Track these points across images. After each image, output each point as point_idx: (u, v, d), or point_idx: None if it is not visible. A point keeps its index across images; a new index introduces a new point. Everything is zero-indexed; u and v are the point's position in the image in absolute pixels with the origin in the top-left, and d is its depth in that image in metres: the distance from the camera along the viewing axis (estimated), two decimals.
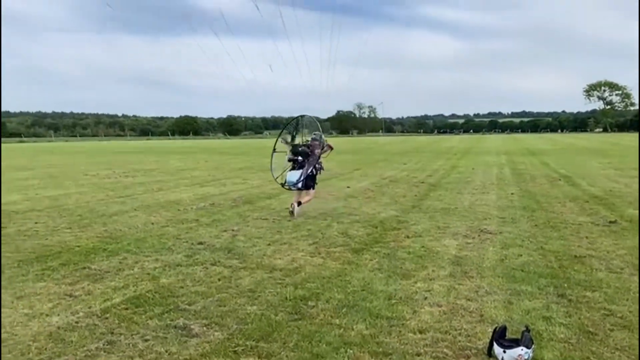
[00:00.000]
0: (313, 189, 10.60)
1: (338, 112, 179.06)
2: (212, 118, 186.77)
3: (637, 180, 16.15)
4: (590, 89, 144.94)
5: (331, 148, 10.93)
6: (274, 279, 5.90)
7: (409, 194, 13.66)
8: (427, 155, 33.18)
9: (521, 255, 6.91)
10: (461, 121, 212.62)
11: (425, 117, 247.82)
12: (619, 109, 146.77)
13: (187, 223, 9.59)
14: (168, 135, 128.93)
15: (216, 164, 26.90)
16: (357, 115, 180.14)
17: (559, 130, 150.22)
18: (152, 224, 9.56)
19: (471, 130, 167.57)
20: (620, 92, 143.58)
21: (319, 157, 10.46)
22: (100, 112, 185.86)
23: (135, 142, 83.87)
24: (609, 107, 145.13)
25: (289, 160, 10.54)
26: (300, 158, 10.36)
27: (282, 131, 11.64)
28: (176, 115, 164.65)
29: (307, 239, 8.04)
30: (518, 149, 41.43)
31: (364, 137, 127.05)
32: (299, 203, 10.17)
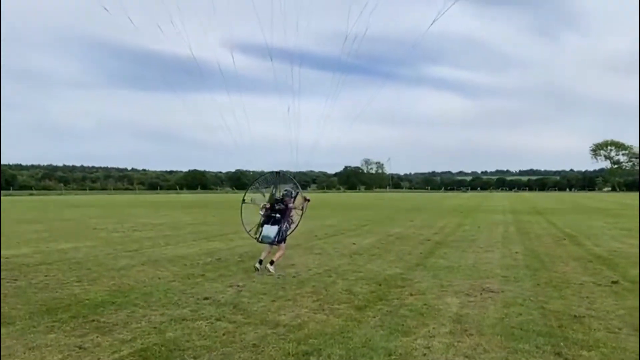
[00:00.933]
0: (284, 242, 10.88)
1: (346, 167, 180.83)
2: (220, 172, 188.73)
3: None
4: (597, 148, 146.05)
5: (308, 201, 11.34)
6: (277, 334, 6.04)
7: (414, 252, 13.77)
8: (434, 213, 33.32)
9: (521, 314, 7.01)
10: (469, 178, 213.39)
11: (433, 173, 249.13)
12: (627, 168, 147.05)
13: (193, 278, 9.76)
14: (176, 189, 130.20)
15: (224, 219, 27.18)
16: (365, 171, 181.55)
17: (567, 189, 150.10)
18: (159, 278, 9.74)
19: (479, 188, 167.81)
20: (626, 151, 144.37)
21: (291, 212, 10.88)
22: (109, 166, 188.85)
23: (144, 196, 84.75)
24: (616, 166, 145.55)
25: (265, 215, 10.78)
26: (278, 215, 10.68)
27: (254, 183, 12.12)
28: (185, 169, 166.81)
29: (312, 296, 8.18)
30: (525, 207, 41.51)
31: (372, 192, 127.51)
32: (272, 262, 10.43)
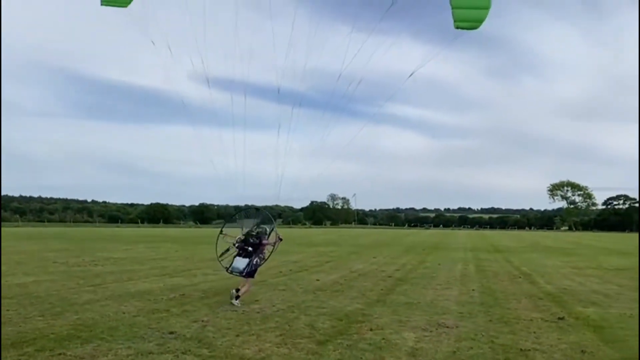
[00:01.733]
0: (253, 277, 11.32)
1: (312, 202, 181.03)
2: (183, 206, 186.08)
3: (591, 279, 17.10)
4: (554, 189, 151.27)
5: (280, 239, 11.79)
6: None
7: (375, 288, 14.17)
8: (397, 249, 33.92)
9: (472, 347, 7.46)
10: (432, 215, 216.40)
11: (397, 210, 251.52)
12: (582, 208, 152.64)
13: (157, 313, 9.88)
14: (138, 222, 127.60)
15: (187, 254, 27.03)
16: (331, 206, 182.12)
17: (527, 228, 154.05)
18: (124, 313, 9.82)
19: (441, 225, 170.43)
20: (581, 192, 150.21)
21: (264, 248, 11.32)
22: (68, 197, 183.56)
23: (104, 229, 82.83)
24: (572, 206, 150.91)
25: (238, 247, 11.18)
26: (250, 248, 11.12)
27: (233, 216, 12.68)
28: (147, 202, 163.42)
29: (275, 331, 8.45)
30: (484, 245, 42.63)
31: (337, 228, 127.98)
32: (237, 292, 10.91)
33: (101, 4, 9.04)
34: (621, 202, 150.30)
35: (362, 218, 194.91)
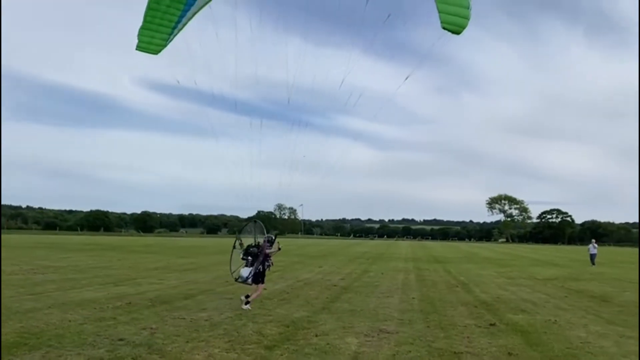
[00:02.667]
0: (262, 283, 12.17)
1: (258, 212, 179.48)
2: (124, 213, 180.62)
3: (522, 288, 18.23)
4: (492, 202, 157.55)
5: (279, 249, 12.69)
6: None
7: (321, 296, 14.60)
8: (342, 259, 34.56)
9: (411, 351, 8.01)
10: (377, 226, 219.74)
11: (343, 220, 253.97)
12: (518, 221, 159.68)
13: (105, 321, 9.90)
14: (77, 229, 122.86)
15: (130, 263, 26.59)
16: (278, 216, 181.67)
17: (467, 239, 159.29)
18: (70, 321, 9.78)
19: (385, 236, 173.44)
20: (518, 205, 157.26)
21: (268, 256, 12.11)
22: (2, 203, 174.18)
23: (40, 237, 79.33)
24: (509, 219, 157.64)
25: (242, 259, 12.11)
26: (250, 258, 11.91)
27: (241, 229, 13.65)
28: (86, 209, 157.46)
29: (223, 337, 8.71)
30: (426, 256, 44.05)
31: (284, 238, 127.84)
32: (247, 298, 11.94)
33: (136, 49, 9.68)
34: (554, 216, 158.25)
35: (309, 228, 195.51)
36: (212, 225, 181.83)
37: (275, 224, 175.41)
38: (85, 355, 7.09)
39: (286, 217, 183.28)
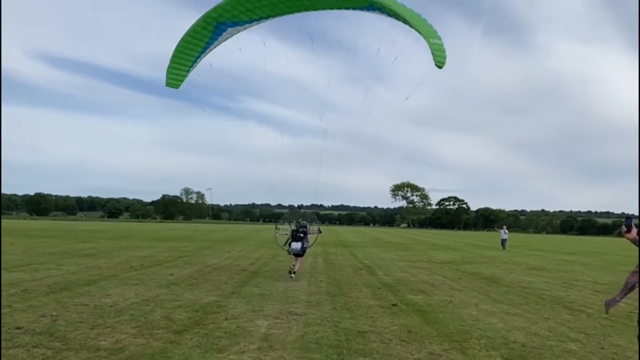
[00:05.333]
0: (303, 256, 15.93)
1: (164, 196, 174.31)
2: (15, 195, 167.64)
3: (421, 271, 19.40)
4: (396, 189, 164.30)
5: (320, 232, 17.24)
6: (99, 357, 6.42)
7: (230, 281, 14.63)
8: (251, 244, 34.60)
9: (318, 332, 8.35)
10: (286, 211, 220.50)
11: (253, 205, 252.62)
12: (419, 207, 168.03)
13: None
14: None
15: (24, 248, 24.92)
16: (185, 201, 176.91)
17: (371, 224, 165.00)
18: None
19: None
20: (419, 193, 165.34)
21: (308, 235, 16.18)
22: None
23: None
24: (411, 205, 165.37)
25: (293, 234, 15.83)
26: (301, 235, 15.73)
27: (285, 215, 18.52)
28: None
29: (130, 323, 8.54)
30: (333, 240, 45.18)
31: (191, 223, 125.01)
32: (294, 269, 15.53)
33: (166, 85, 11.21)
34: (452, 203, 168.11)
35: (217, 213, 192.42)
36: (113, 209, 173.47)
37: (182, 208, 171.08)
38: None
39: (193, 201, 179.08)
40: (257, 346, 7.25)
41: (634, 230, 5.22)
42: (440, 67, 9.29)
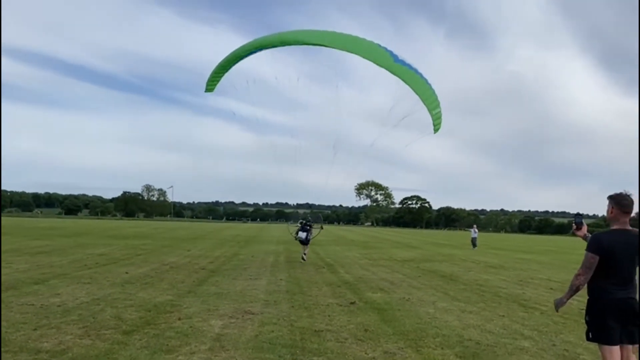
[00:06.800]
0: (307, 244, 21.40)
1: (124, 192, 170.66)
2: None
3: (382, 269, 19.48)
4: (360, 188, 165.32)
5: (322, 228, 22.98)
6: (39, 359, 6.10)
7: (187, 280, 14.31)
8: (212, 242, 34.12)
9: (273, 331, 8.20)
10: (250, 209, 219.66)
11: (217, 203, 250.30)
12: (383, 205, 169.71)
13: None
14: None
15: None
16: (146, 198, 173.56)
17: (336, 222, 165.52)
18: None
19: (259, 219, 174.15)
20: (383, 192, 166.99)
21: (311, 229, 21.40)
22: None
23: None
24: (374, 204, 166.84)
25: (301, 226, 21.11)
26: (308, 227, 21.00)
27: (299, 221, 22.01)
28: None
29: (77, 323, 8.20)
30: None
31: (152, 221, 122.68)
32: (304, 255, 21.25)
33: (205, 92, 12.08)
34: (414, 201, 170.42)
35: (180, 211, 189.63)
36: (72, 205, 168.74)
37: (143, 206, 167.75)
38: None
39: (155, 198, 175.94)
40: (209, 346, 7.05)
41: (585, 228, 5.31)
42: (435, 132, 10.91)
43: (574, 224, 5.33)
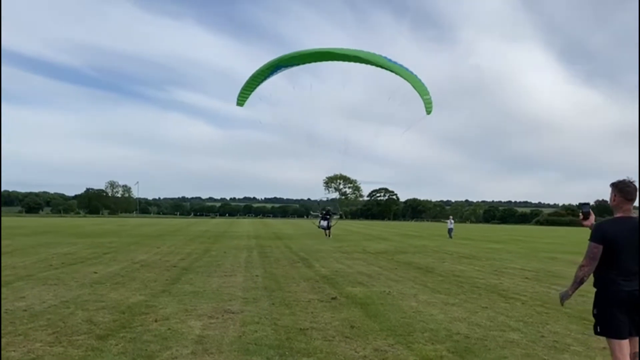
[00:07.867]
0: (329, 229, 34.89)
1: (88, 189, 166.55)
2: None
3: (357, 262, 19.32)
4: (329, 181, 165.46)
5: (341, 217, 26.28)
6: None
7: (160, 279, 13.80)
8: (182, 239, 33.37)
9: (257, 331, 7.86)
10: (218, 204, 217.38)
11: (183, 199, 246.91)
12: (351, 198, 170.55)
13: None
14: None
15: None
16: (110, 194, 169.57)
17: (305, 216, 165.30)
18: None
19: (227, 214, 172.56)
20: (351, 185, 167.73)
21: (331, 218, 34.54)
22: None
23: None
24: (343, 197, 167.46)
25: (321, 214, 34.05)
26: (328, 216, 33.86)
27: (319, 212, 34.14)
28: None
29: (46, 329, 7.68)
30: (267, 233, 44.62)
31: (117, 217, 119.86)
32: (329, 235, 35.11)
33: (236, 105, 14.14)
34: (382, 194, 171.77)
35: (145, 207, 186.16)
36: (33, 203, 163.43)
37: (108, 202, 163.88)
38: None
39: (119, 195, 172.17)
40: (191, 350, 6.67)
41: (592, 217, 5.06)
42: (428, 114, 13.10)
43: (580, 214, 5.09)
